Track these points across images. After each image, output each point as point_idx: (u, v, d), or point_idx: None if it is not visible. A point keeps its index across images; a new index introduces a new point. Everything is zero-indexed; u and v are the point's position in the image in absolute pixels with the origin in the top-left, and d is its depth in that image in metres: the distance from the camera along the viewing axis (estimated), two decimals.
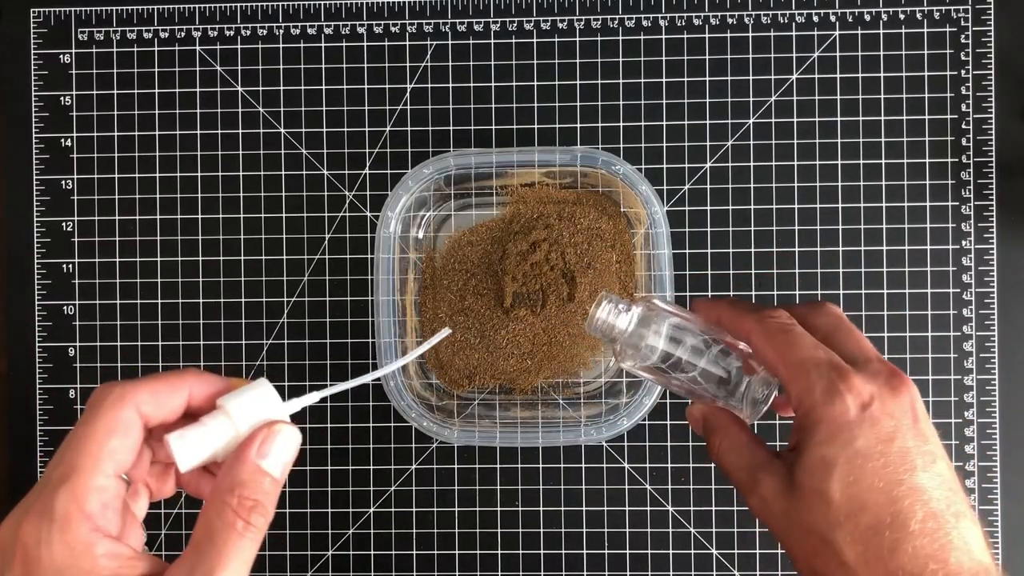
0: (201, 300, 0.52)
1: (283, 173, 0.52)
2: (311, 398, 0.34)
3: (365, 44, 0.52)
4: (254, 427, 0.31)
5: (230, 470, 0.30)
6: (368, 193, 0.51)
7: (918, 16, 0.50)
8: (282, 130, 0.52)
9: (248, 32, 0.52)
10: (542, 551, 0.51)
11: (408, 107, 0.51)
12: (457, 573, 0.51)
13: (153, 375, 0.32)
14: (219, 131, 0.52)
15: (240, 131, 0.52)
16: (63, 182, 0.52)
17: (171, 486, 0.35)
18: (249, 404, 0.32)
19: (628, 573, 0.50)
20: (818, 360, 0.33)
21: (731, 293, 0.51)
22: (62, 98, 0.52)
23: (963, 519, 0.31)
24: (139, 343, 0.52)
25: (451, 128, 0.51)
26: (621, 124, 0.51)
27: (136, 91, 0.52)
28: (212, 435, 0.31)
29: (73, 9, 0.52)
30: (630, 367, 0.39)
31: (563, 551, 0.51)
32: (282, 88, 0.52)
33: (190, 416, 0.32)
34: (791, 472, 0.33)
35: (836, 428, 0.32)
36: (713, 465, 0.50)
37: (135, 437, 0.30)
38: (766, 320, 0.36)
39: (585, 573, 0.51)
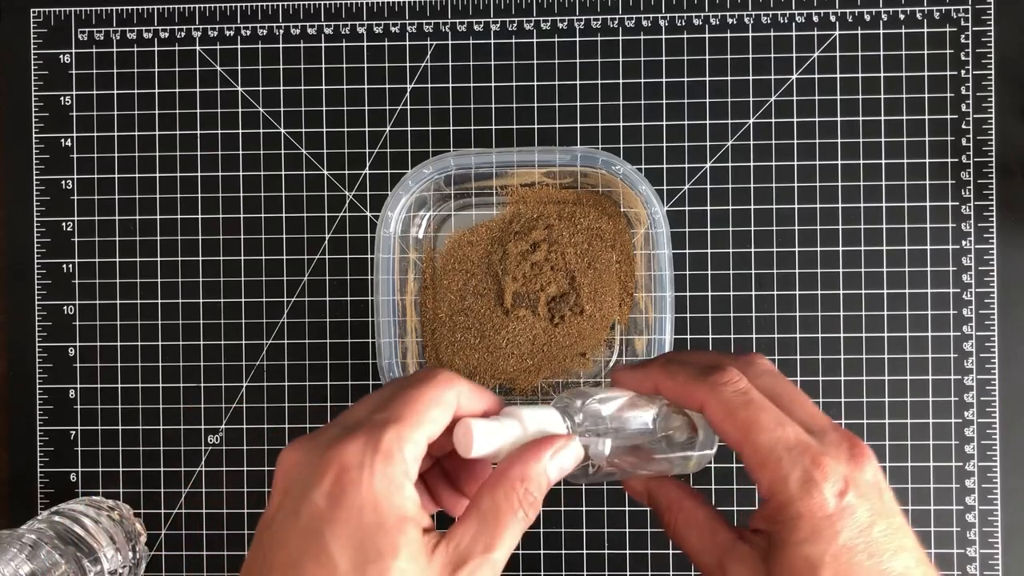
0: (201, 300, 0.52)
1: (283, 173, 0.52)
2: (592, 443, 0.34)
3: (365, 44, 0.52)
4: (540, 435, 0.33)
5: (524, 462, 0.32)
6: (368, 193, 0.51)
7: (918, 16, 0.50)
8: (282, 130, 0.52)
9: (248, 32, 0.52)
10: (542, 551, 0.51)
11: (408, 107, 0.51)
12: None
13: (476, 385, 0.34)
14: (219, 131, 0.52)
15: (240, 131, 0.52)
16: (63, 182, 0.52)
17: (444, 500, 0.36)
18: (537, 416, 0.33)
19: (628, 573, 0.50)
20: (787, 443, 0.32)
21: (731, 293, 0.51)
22: (62, 98, 0.52)
23: None
24: (139, 343, 0.52)
25: (451, 128, 0.51)
26: (621, 124, 0.51)
27: (136, 91, 0.52)
28: (505, 431, 0.32)
29: (73, 9, 0.52)
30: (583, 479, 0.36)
31: (563, 551, 0.51)
32: (282, 88, 0.52)
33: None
34: (767, 565, 0.32)
35: (817, 524, 0.30)
36: (713, 465, 0.50)
37: (448, 417, 0.32)
38: (720, 390, 0.33)
39: (585, 573, 0.51)
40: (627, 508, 0.51)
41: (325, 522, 0.28)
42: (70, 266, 0.52)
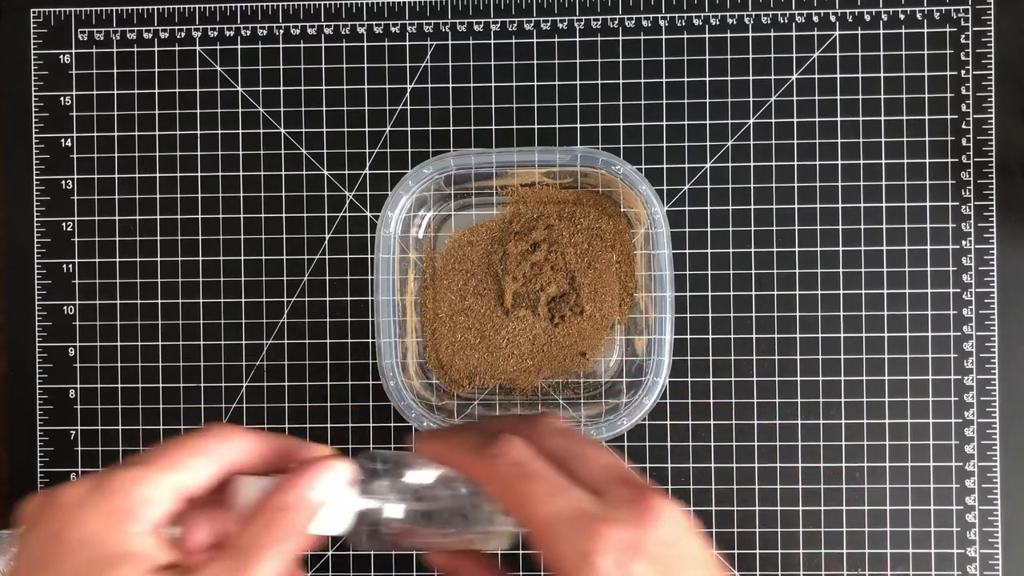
0: (201, 300, 0.52)
1: (283, 173, 0.52)
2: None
3: (365, 44, 0.52)
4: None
5: (282, 491, 0.31)
6: (368, 193, 0.51)
7: (918, 16, 0.50)
8: (282, 130, 0.52)
9: (248, 32, 0.52)
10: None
11: (408, 107, 0.52)
12: None
13: (264, 435, 0.32)
14: (219, 131, 0.52)
15: (240, 131, 0.52)
16: (63, 182, 0.52)
17: None
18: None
19: None
20: (564, 515, 0.29)
21: (731, 293, 0.51)
22: (62, 98, 0.52)
23: None
24: (139, 343, 0.52)
25: (451, 128, 0.51)
26: (621, 124, 0.51)
27: (136, 91, 0.52)
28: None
29: (73, 9, 0.52)
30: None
31: None
32: (282, 88, 0.52)
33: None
34: None
35: None
36: (713, 465, 0.50)
37: (212, 468, 0.31)
38: (494, 462, 0.31)
39: None
40: None
41: (48, 559, 0.28)
42: (70, 266, 0.52)
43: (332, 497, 0.31)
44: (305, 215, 0.52)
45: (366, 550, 0.35)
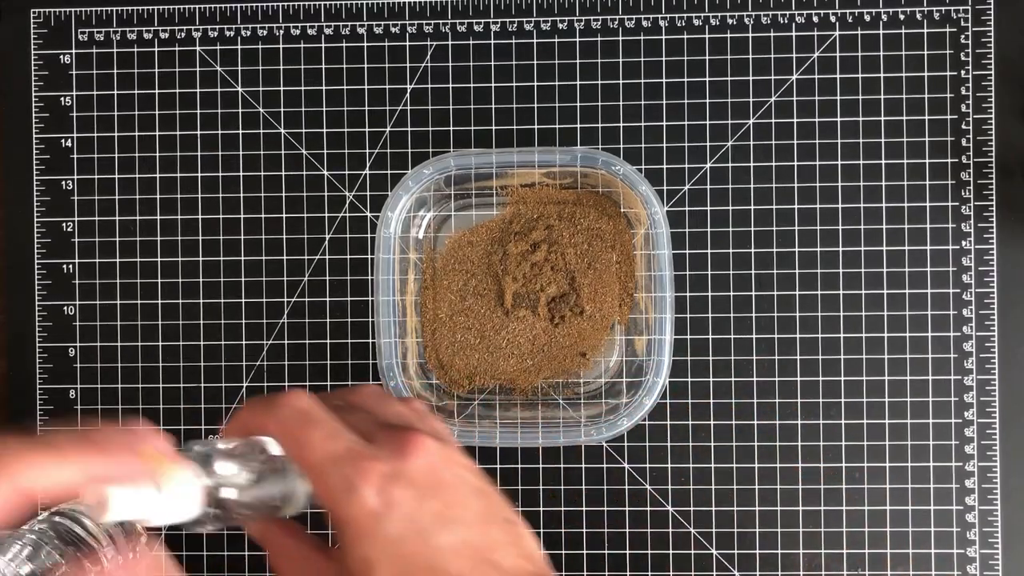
0: (201, 300, 0.52)
1: (283, 174, 0.52)
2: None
3: (365, 45, 0.52)
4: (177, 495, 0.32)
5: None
6: (368, 193, 0.51)
7: (918, 16, 0.51)
8: (282, 131, 0.52)
9: (248, 33, 0.52)
10: (542, 551, 0.51)
11: (408, 108, 0.52)
12: None
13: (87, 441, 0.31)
14: (219, 132, 0.52)
15: (240, 132, 0.52)
16: (63, 182, 0.52)
17: None
18: (173, 477, 0.31)
19: (628, 573, 0.50)
20: (335, 456, 0.32)
21: (731, 293, 0.51)
22: (62, 98, 0.52)
23: (503, 551, 0.32)
24: (139, 343, 0.52)
25: (451, 129, 0.51)
26: (621, 124, 0.51)
27: (136, 92, 0.52)
28: (138, 494, 0.30)
29: (73, 9, 0.52)
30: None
31: (563, 551, 0.51)
32: (282, 89, 0.52)
33: None
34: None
35: (363, 525, 0.31)
36: (713, 465, 0.50)
37: (65, 474, 0.30)
38: (278, 411, 0.33)
39: (585, 573, 0.51)
40: (627, 508, 0.51)
41: None
42: (70, 266, 0.52)
43: (177, 488, 0.32)
44: (305, 215, 0.52)
45: (210, 531, 0.38)
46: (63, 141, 0.52)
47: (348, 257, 0.51)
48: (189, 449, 0.34)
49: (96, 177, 0.52)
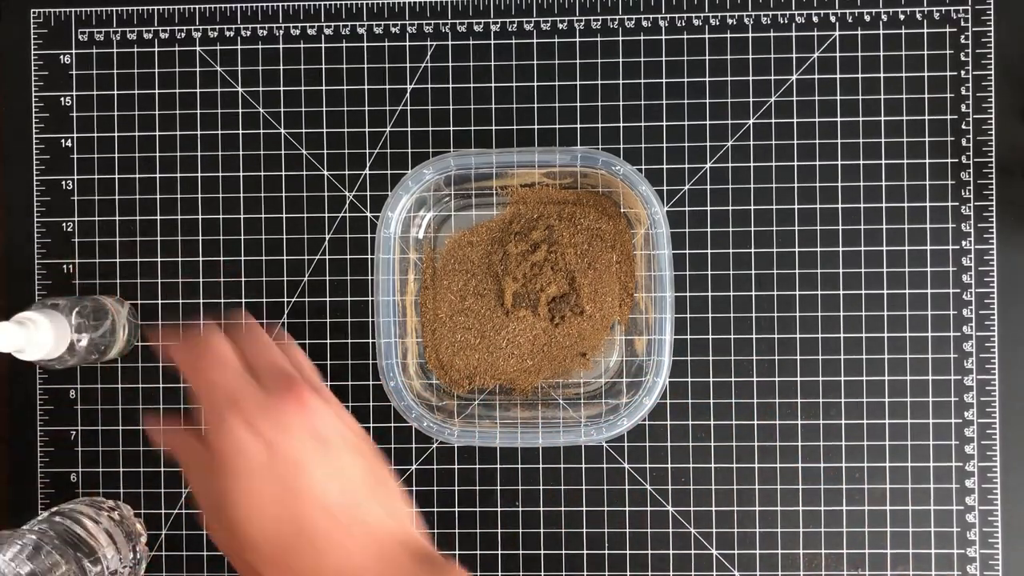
0: (201, 301, 0.52)
1: (283, 174, 0.52)
2: None
3: (365, 45, 0.52)
4: None
5: None
6: (368, 193, 0.51)
7: (918, 16, 0.51)
8: (282, 131, 0.52)
9: (248, 33, 0.52)
10: (542, 551, 0.51)
11: (408, 108, 0.52)
12: None
13: None
14: (219, 132, 0.52)
15: (240, 132, 0.52)
16: (63, 182, 0.52)
17: None
18: None
19: (628, 573, 0.50)
20: (222, 387, 0.35)
21: (731, 293, 0.51)
22: (62, 98, 0.52)
23: (368, 507, 0.34)
24: (139, 343, 0.52)
25: (451, 129, 0.51)
26: (621, 124, 0.51)
27: (136, 92, 0.52)
28: None
29: (73, 9, 0.52)
30: None
31: (563, 551, 0.51)
32: (282, 89, 0.52)
33: None
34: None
35: (226, 458, 0.33)
36: (713, 465, 0.50)
37: None
38: (195, 348, 0.37)
39: (585, 573, 0.51)
40: (627, 508, 0.51)
41: None
42: (70, 266, 0.52)
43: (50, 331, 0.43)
44: (305, 215, 0.52)
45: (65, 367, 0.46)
46: (63, 141, 0.52)
47: (348, 257, 0.51)
48: (55, 305, 0.45)
49: (96, 177, 0.52)
